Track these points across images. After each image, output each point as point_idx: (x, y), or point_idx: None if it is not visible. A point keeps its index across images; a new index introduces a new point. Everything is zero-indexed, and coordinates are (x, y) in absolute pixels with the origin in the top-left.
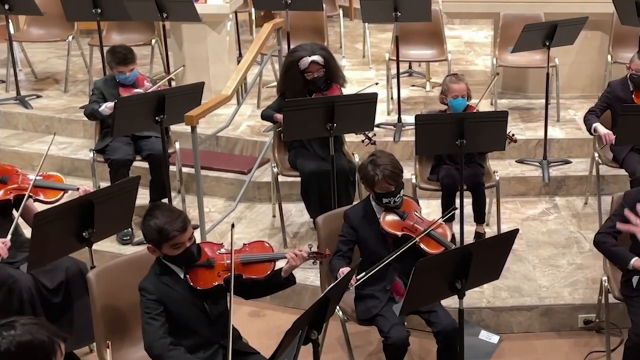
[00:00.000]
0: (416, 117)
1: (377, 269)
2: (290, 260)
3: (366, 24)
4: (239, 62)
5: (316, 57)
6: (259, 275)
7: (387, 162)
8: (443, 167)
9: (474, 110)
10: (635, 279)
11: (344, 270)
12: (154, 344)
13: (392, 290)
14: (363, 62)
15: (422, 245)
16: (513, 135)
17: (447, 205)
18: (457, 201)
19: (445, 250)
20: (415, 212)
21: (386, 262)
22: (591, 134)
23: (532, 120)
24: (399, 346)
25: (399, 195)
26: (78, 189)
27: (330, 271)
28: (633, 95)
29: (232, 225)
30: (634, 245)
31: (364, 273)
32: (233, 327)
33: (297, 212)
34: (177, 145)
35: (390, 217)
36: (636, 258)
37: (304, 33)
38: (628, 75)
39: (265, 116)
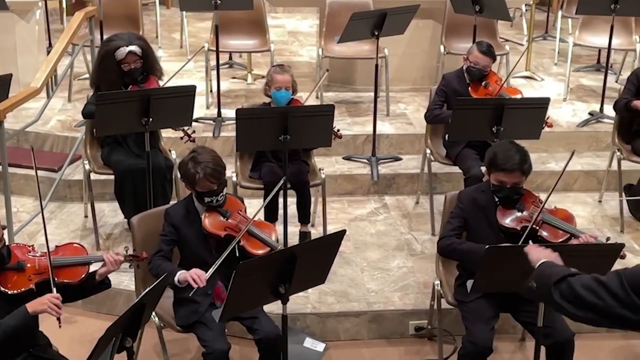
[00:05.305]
0: (237, 111)
1: (220, 261)
2: (108, 264)
3: (184, 12)
4: (48, 52)
5: (133, 48)
6: (72, 279)
7: (209, 160)
8: (265, 164)
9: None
10: (469, 283)
11: (197, 271)
12: None
13: (213, 294)
14: (181, 52)
15: (246, 246)
16: (338, 130)
17: (270, 205)
18: (281, 200)
19: (271, 250)
20: (240, 211)
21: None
22: (446, 122)
23: (360, 115)
24: (219, 356)
25: (221, 194)
26: None
27: (152, 270)
28: (469, 88)
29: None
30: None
31: (211, 268)
32: (42, 334)
33: (110, 212)
34: None
35: (213, 217)
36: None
37: (117, 22)
38: (465, 67)
39: (87, 113)
